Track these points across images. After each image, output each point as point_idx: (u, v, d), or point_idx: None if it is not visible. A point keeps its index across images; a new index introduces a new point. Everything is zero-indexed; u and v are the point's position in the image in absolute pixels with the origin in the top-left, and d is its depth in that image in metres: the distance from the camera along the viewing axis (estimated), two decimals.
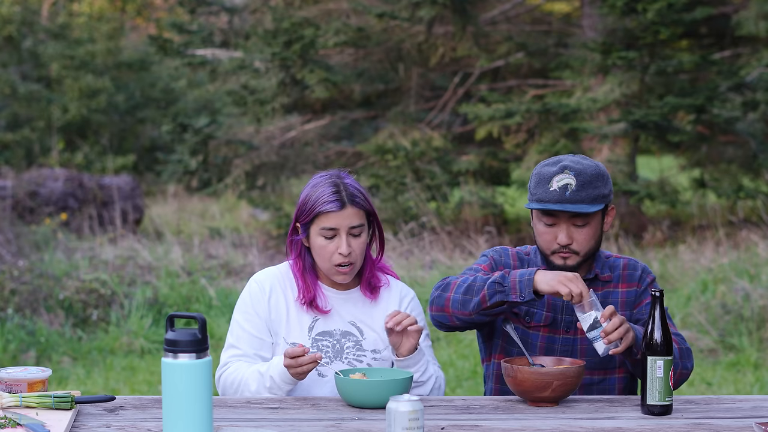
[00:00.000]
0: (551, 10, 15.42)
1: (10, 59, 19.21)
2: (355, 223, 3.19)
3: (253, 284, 3.29)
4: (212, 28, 14.17)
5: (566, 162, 3.21)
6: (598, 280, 3.31)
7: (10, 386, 2.92)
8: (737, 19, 12.10)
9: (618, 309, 3.28)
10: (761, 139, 12.39)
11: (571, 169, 3.18)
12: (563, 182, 3.17)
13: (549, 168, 3.20)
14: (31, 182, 13.04)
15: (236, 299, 8.57)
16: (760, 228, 10.72)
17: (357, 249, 3.20)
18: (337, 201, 3.17)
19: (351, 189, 3.21)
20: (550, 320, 3.28)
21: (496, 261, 3.35)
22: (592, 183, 3.18)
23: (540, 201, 3.19)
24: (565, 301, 3.25)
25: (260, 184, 13.59)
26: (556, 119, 12.15)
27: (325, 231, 3.18)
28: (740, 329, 7.67)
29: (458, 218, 12.67)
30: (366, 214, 3.24)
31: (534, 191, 3.21)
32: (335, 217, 3.17)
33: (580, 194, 3.16)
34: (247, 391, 3.16)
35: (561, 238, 3.20)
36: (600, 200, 3.19)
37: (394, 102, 13.50)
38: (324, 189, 3.19)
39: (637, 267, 3.36)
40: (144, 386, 6.89)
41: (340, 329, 3.26)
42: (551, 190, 3.17)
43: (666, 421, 2.84)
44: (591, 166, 3.20)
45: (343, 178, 3.24)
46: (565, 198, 3.16)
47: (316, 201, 3.19)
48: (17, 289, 8.12)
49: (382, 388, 2.92)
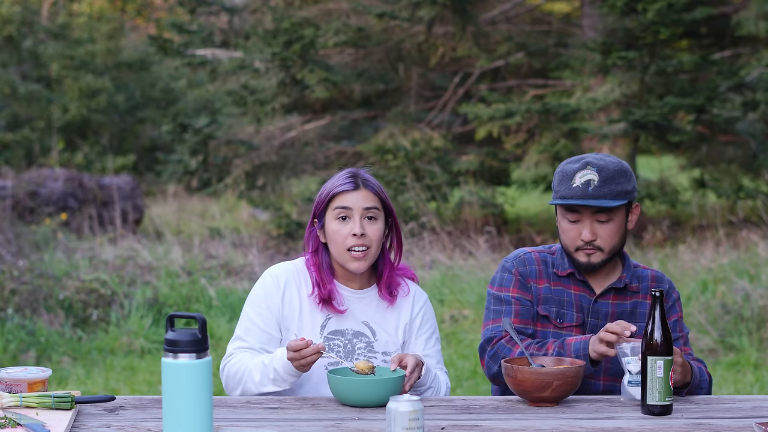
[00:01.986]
0: (551, 10, 15.42)
1: (10, 59, 19.21)
2: (368, 205, 3.20)
3: (267, 278, 3.27)
4: (212, 28, 14.17)
5: (589, 159, 3.23)
6: (627, 290, 3.33)
7: (10, 386, 2.92)
8: (737, 19, 12.10)
9: (644, 320, 3.26)
10: (761, 139, 12.39)
11: (593, 165, 3.20)
12: (586, 178, 3.19)
13: (572, 165, 3.23)
14: (31, 182, 13.04)
15: (236, 299, 8.65)
16: (760, 228, 10.72)
17: (372, 234, 3.20)
18: (352, 182, 3.21)
19: (367, 176, 3.27)
20: (581, 320, 3.30)
21: (522, 274, 3.34)
22: (614, 179, 3.19)
23: (563, 197, 3.21)
24: (591, 303, 3.29)
25: (260, 184, 13.59)
26: (556, 119, 12.15)
27: (339, 210, 3.19)
28: (740, 329, 7.67)
29: (458, 218, 12.67)
30: (383, 206, 3.25)
31: (557, 188, 3.24)
32: (349, 196, 3.19)
33: (602, 189, 3.17)
34: (250, 382, 3.13)
35: (585, 234, 3.21)
36: (623, 196, 3.20)
37: (394, 102, 13.50)
38: (340, 176, 3.26)
39: (664, 281, 3.38)
40: (144, 386, 6.89)
41: (352, 329, 3.24)
42: (574, 186, 3.19)
43: (666, 421, 2.84)
44: (614, 163, 3.22)
45: (359, 170, 3.30)
46: (588, 193, 3.17)
47: (332, 185, 3.23)
48: (17, 289, 8.12)
49: (375, 387, 2.93)
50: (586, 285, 3.32)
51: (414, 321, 3.30)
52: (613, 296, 3.32)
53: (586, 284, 3.32)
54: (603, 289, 3.31)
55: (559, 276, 3.33)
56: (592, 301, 3.31)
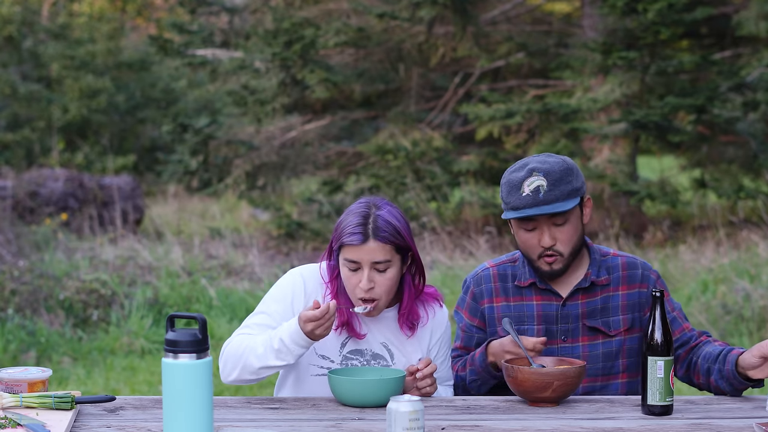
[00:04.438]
0: (551, 10, 15.41)
1: (10, 59, 19.21)
2: (378, 259, 3.03)
3: (298, 277, 3.18)
4: (212, 28, 14.17)
5: (533, 164, 3.15)
6: (596, 286, 3.25)
7: (11, 386, 2.91)
8: (737, 19, 12.10)
9: (619, 313, 3.25)
10: (762, 139, 12.38)
11: (539, 170, 3.13)
12: (534, 185, 3.12)
13: (517, 174, 3.16)
14: (32, 182, 13.04)
15: (237, 299, 8.65)
16: (761, 228, 10.72)
17: (382, 285, 3.06)
18: (360, 234, 3.03)
19: (380, 222, 3.05)
20: (543, 332, 3.24)
21: (477, 295, 3.33)
22: (563, 179, 3.13)
23: (515, 208, 3.14)
24: (558, 309, 3.24)
25: (260, 184, 13.59)
26: (557, 119, 12.14)
27: (348, 263, 3.07)
28: (741, 329, 7.67)
29: (459, 218, 12.68)
30: (398, 250, 3.07)
31: (507, 199, 3.17)
32: (357, 250, 3.03)
33: (553, 193, 3.12)
34: (252, 356, 2.99)
35: (545, 241, 3.16)
36: (574, 194, 3.15)
37: (394, 102, 13.50)
38: (352, 218, 3.06)
39: (637, 265, 3.29)
40: (144, 386, 6.89)
41: (371, 350, 3.17)
42: (524, 195, 3.12)
43: (666, 421, 2.84)
44: (558, 163, 3.16)
45: (379, 208, 3.09)
46: (540, 200, 3.11)
47: (342, 230, 3.06)
48: (17, 289, 8.12)
49: (375, 387, 2.93)
50: (550, 292, 3.26)
51: (431, 350, 3.25)
52: (581, 296, 3.25)
53: (551, 291, 3.26)
54: (569, 292, 3.24)
55: (521, 288, 3.28)
56: (559, 307, 3.25)
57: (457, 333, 3.38)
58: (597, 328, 3.24)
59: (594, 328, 3.24)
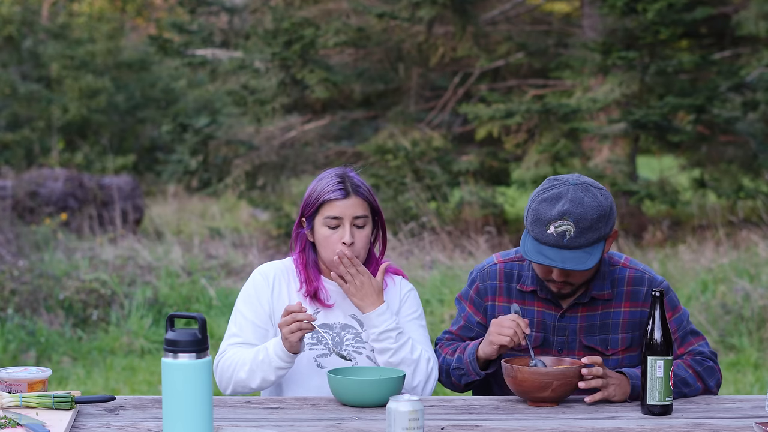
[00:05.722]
0: (551, 10, 15.42)
1: (10, 59, 19.21)
2: (359, 213, 3.22)
3: (257, 276, 3.32)
4: (212, 28, 14.16)
5: (566, 205, 3.00)
6: (598, 301, 3.19)
7: (10, 386, 2.92)
8: (737, 19, 12.10)
9: (618, 331, 3.17)
10: (761, 139, 12.39)
11: (570, 215, 2.99)
12: (561, 228, 3.01)
13: (547, 209, 3.02)
14: (31, 182, 13.03)
15: (236, 299, 8.63)
16: (761, 228, 10.72)
17: (360, 242, 3.23)
18: (342, 189, 3.21)
19: (356, 180, 3.26)
20: (540, 340, 3.20)
21: (481, 291, 3.30)
22: (592, 227, 3.01)
23: (536, 239, 3.04)
24: (555, 320, 3.19)
25: (260, 184, 13.58)
26: (556, 119, 12.14)
27: (329, 220, 3.21)
28: (740, 329, 7.67)
29: (458, 218, 12.67)
30: (371, 210, 3.26)
31: (530, 227, 3.06)
32: (340, 205, 3.20)
33: (579, 240, 3.00)
34: (242, 371, 3.14)
35: (556, 274, 3.09)
36: (601, 240, 3.04)
37: (394, 102, 13.49)
38: (329, 180, 3.25)
39: (644, 281, 3.18)
40: (144, 386, 6.89)
41: (340, 322, 3.27)
42: (548, 233, 3.01)
43: (666, 421, 2.84)
44: (593, 208, 3.01)
45: (348, 172, 3.29)
46: (563, 244, 3.00)
47: (321, 191, 3.23)
48: (17, 289, 8.12)
49: (375, 387, 2.93)
50: (550, 302, 3.20)
51: (401, 309, 3.31)
52: (581, 309, 3.18)
53: (551, 301, 3.20)
54: (569, 304, 3.18)
55: (523, 292, 3.23)
56: (557, 318, 3.19)
57: (457, 318, 3.37)
58: (594, 348, 3.18)
59: (591, 347, 3.18)
